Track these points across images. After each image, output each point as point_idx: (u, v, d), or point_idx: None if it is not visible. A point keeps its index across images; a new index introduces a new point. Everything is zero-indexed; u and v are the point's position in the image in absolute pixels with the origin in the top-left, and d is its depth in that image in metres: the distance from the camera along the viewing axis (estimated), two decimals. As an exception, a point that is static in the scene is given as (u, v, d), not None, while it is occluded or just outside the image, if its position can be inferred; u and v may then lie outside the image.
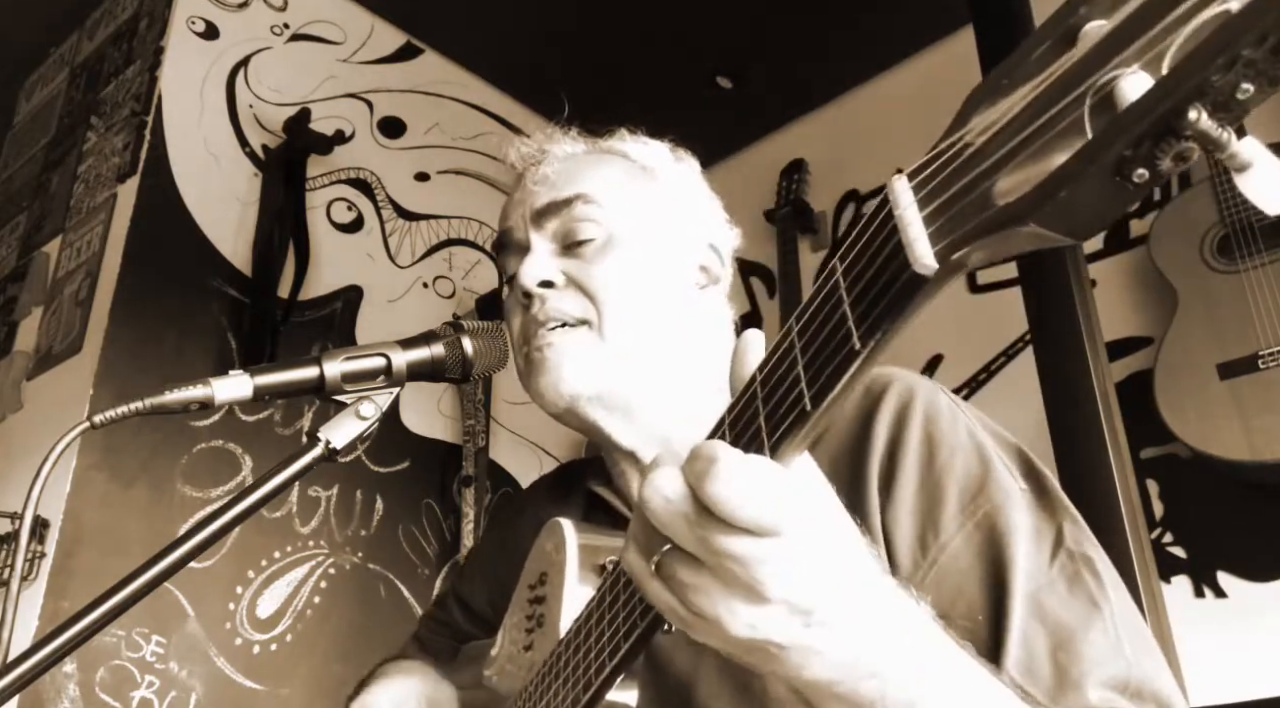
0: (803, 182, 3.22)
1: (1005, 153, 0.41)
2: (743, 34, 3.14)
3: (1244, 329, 2.07)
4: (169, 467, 2.31)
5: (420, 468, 2.77)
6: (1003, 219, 0.40)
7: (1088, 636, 0.74)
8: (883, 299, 0.45)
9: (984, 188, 0.41)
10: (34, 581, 2.06)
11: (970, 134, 0.43)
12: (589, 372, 0.94)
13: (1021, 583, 0.76)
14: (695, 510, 0.51)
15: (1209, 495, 2.19)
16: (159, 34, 2.68)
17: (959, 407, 0.88)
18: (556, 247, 1.00)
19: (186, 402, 0.78)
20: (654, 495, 0.52)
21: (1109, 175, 0.37)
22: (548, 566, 0.91)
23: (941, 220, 0.43)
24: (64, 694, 2.03)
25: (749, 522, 0.49)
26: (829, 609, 0.54)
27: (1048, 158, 0.39)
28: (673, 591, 0.55)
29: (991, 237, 0.41)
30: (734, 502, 0.49)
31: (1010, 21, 2.41)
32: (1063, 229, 0.39)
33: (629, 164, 1.06)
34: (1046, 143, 0.39)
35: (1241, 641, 2.09)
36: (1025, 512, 0.81)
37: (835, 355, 0.48)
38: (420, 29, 3.18)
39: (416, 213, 3.04)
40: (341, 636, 2.45)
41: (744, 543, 0.50)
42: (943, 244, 0.43)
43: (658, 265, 1.00)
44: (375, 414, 0.83)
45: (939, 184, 0.44)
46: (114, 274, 2.38)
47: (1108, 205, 0.38)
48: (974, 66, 2.45)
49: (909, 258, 0.44)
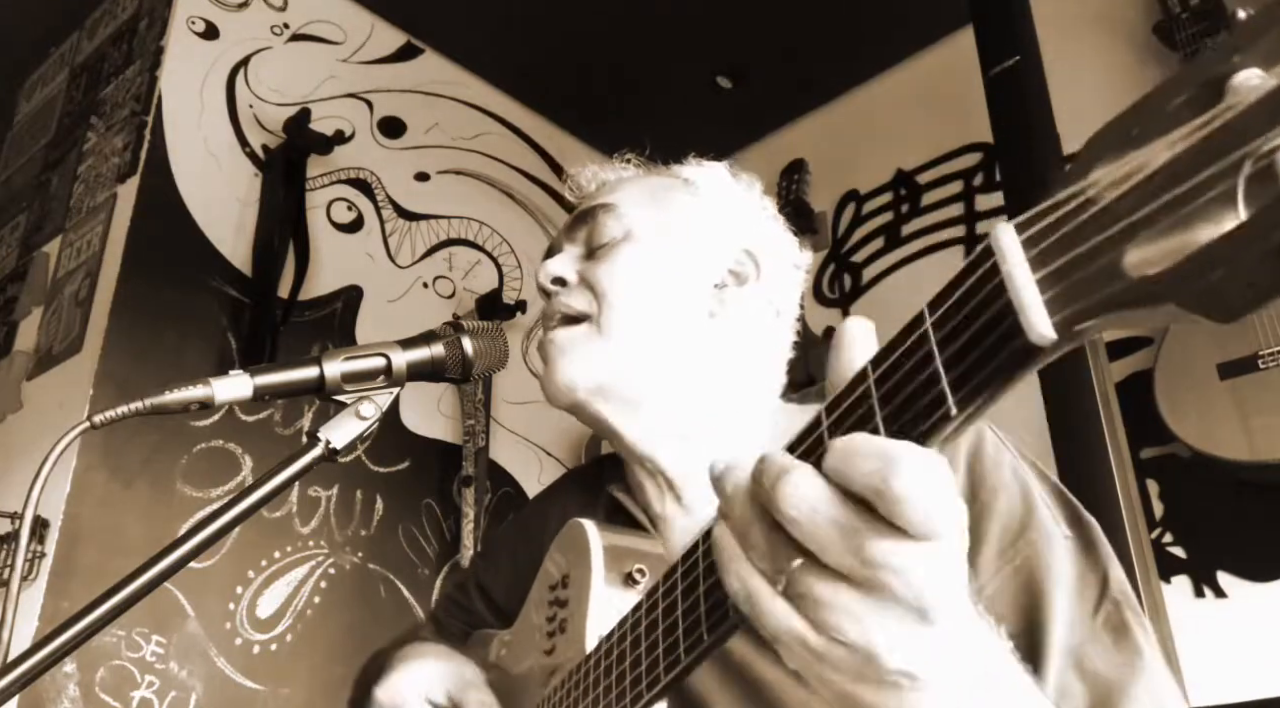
0: (803, 182, 3.22)
1: (1140, 218, 0.35)
2: (743, 34, 3.14)
3: (1244, 329, 2.07)
4: (169, 467, 2.31)
5: (420, 468, 2.77)
6: (1139, 296, 0.35)
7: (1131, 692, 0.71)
8: (987, 365, 0.41)
9: (1112, 255, 0.36)
10: (34, 581, 2.06)
11: (1094, 189, 0.38)
12: (586, 364, 0.96)
13: (1061, 634, 0.73)
14: (853, 515, 0.44)
15: (1209, 495, 2.19)
16: (159, 34, 2.68)
17: (1004, 445, 0.86)
18: (582, 251, 1.03)
19: (186, 402, 0.78)
20: (799, 505, 0.45)
21: (1267, 257, 0.32)
22: (570, 568, 0.90)
23: (1061, 286, 0.38)
24: (64, 694, 2.03)
25: (933, 528, 0.43)
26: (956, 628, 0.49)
27: (1192, 230, 0.34)
28: (805, 612, 0.47)
29: (1122, 312, 0.36)
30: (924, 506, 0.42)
31: (1010, 21, 2.41)
32: (1206, 311, 0.34)
33: (671, 180, 1.08)
34: (1191, 212, 0.34)
35: (1241, 641, 2.09)
36: (1068, 560, 0.78)
37: (924, 418, 0.43)
38: (420, 29, 3.18)
39: (416, 213, 3.04)
40: (341, 636, 2.45)
41: (911, 550, 0.44)
42: (1062, 314, 0.38)
43: (671, 263, 1.00)
44: (375, 414, 0.83)
45: (1057, 242, 0.38)
46: (114, 274, 2.38)
47: (1262, 290, 0.33)
48: (974, 66, 2.46)
49: (1022, 325, 0.39)
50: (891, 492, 0.42)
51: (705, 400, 0.98)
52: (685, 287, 1.00)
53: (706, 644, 0.57)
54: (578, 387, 0.96)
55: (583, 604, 0.85)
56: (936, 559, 0.45)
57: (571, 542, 0.91)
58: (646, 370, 0.97)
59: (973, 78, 2.45)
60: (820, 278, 3.19)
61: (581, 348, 0.96)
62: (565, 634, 0.87)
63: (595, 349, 0.96)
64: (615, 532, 0.91)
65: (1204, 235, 0.34)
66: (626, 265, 0.98)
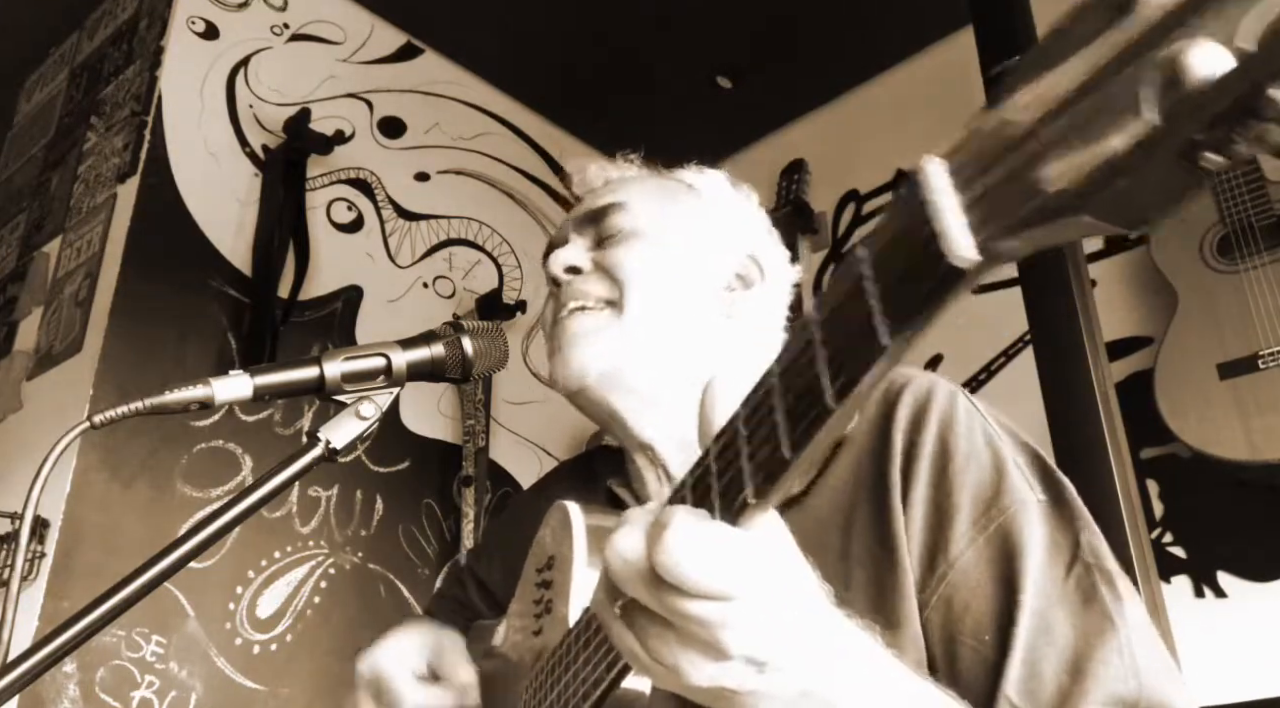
0: (803, 182, 3.22)
1: (1055, 134, 0.36)
2: (743, 34, 3.14)
3: (1244, 329, 2.07)
4: (169, 467, 2.31)
5: (420, 468, 2.77)
6: (1054, 208, 0.36)
7: (1099, 654, 0.71)
8: (915, 292, 0.42)
9: (1032, 173, 0.37)
10: (34, 581, 2.06)
11: (1013, 112, 0.39)
12: (602, 348, 0.96)
13: (1031, 600, 0.74)
14: (653, 574, 0.51)
15: (1209, 495, 2.19)
16: (159, 34, 2.68)
17: (976, 409, 0.87)
18: (590, 243, 1.04)
19: (186, 402, 0.78)
20: (614, 556, 0.53)
21: (1174, 160, 0.33)
22: (554, 550, 0.91)
23: (983, 208, 0.39)
24: (64, 694, 2.03)
25: (702, 590, 0.50)
26: (784, 658, 0.56)
27: (1104, 140, 0.35)
28: (635, 636, 0.56)
29: (1039, 227, 0.38)
30: (683, 572, 0.49)
31: (1010, 21, 2.41)
32: (1119, 220, 0.36)
33: (675, 184, 1.10)
34: (1102, 123, 0.35)
35: (1241, 641, 2.09)
36: (1040, 523, 0.78)
37: (860, 353, 0.45)
38: (420, 29, 3.18)
39: (416, 213, 3.04)
40: (341, 636, 2.45)
41: (702, 607, 0.51)
42: (984, 234, 0.39)
43: (683, 261, 1.01)
44: (375, 414, 0.83)
45: (978, 167, 0.40)
46: (114, 274, 2.38)
47: (1171, 193, 0.34)
48: (974, 66, 2.45)
49: (944, 248, 0.40)
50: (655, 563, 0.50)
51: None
52: (699, 285, 1.01)
53: None
54: (589, 371, 0.96)
55: (566, 585, 0.85)
56: (737, 614, 0.51)
57: (556, 524, 0.92)
58: (660, 362, 0.97)
59: (973, 78, 2.45)
60: (820, 278, 3.19)
61: (599, 333, 0.97)
62: (550, 615, 0.87)
63: (614, 334, 0.96)
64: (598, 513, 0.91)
65: (1115, 144, 0.34)
66: (642, 256, 0.99)
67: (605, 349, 0.96)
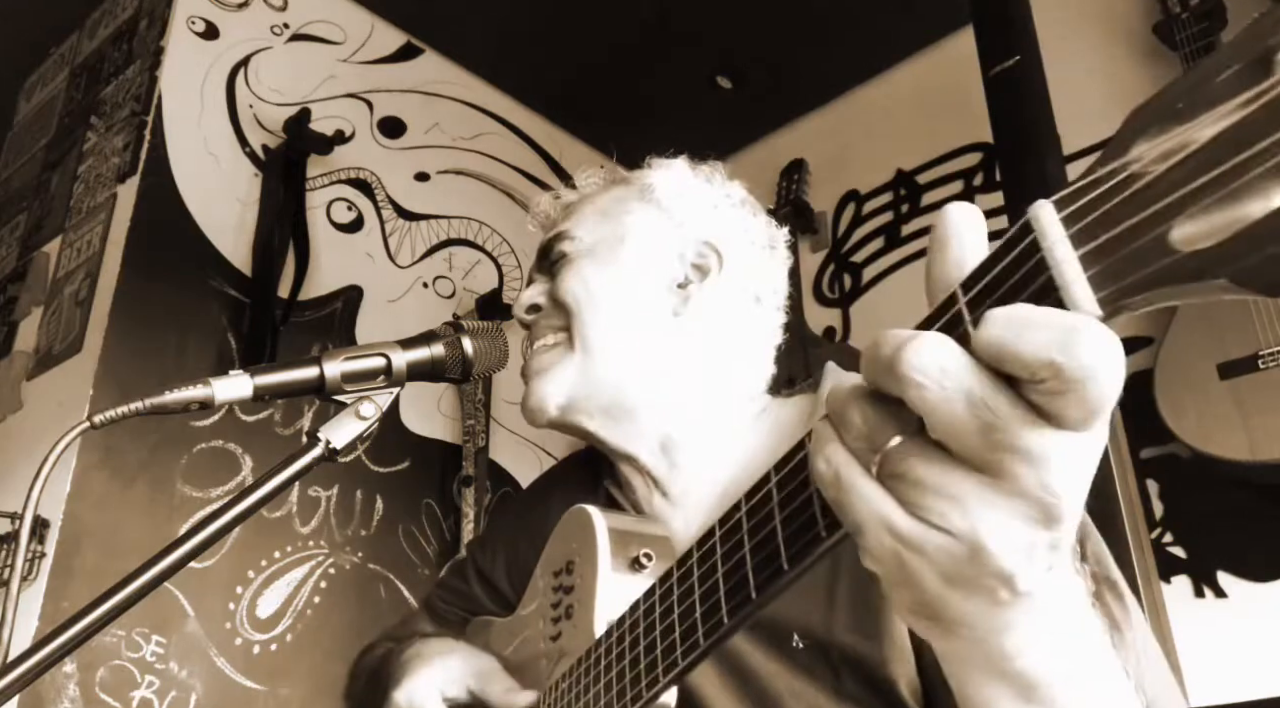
0: (803, 182, 3.22)
1: (1187, 193, 0.35)
2: (743, 34, 3.14)
3: (1244, 329, 2.07)
4: (169, 467, 2.31)
5: (420, 468, 2.77)
6: (1189, 271, 0.35)
7: None
8: None
9: (1159, 230, 0.35)
10: (34, 581, 2.06)
11: (1138, 164, 0.37)
12: (560, 381, 1.00)
13: None
14: (991, 388, 0.39)
15: (1209, 495, 2.19)
16: (159, 34, 2.68)
17: None
18: (547, 277, 1.08)
19: (186, 402, 0.78)
20: (927, 364, 0.39)
21: None
22: (575, 554, 0.90)
23: (1106, 263, 0.37)
24: (64, 694, 2.03)
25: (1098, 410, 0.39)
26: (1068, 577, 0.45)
27: (1242, 205, 0.33)
28: (899, 495, 0.42)
29: (1168, 287, 0.36)
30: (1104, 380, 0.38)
31: (1010, 21, 2.41)
32: (1261, 286, 0.34)
33: (626, 189, 1.09)
34: (1241, 187, 0.33)
35: (1241, 641, 2.09)
36: None
37: None
38: (420, 29, 3.18)
39: (416, 213, 3.04)
40: (341, 636, 2.45)
41: (1054, 437, 0.39)
42: (1107, 290, 0.37)
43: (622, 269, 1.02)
44: (375, 414, 0.83)
45: (1099, 219, 0.37)
46: (114, 274, 2.38)
47: None
48: (974, 66, 2.45)
49: (1065, 302, 0.38)
50: (1073, 364, 0.37)
51: (683, 397, 0.99)
52: (642, 290, 1.01)
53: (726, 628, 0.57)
54: (549, 407, 1.00)
55: (590, 590, 0.85)
56: (1081, 456, 0.40)
57: (576, 527, 0.92)
58: (618, 376, 0.99)
59: (973, 78, 2.45)
60: (820, 278, 3.19)
61: (554, 367, 1.00)
62: (572, 620, 0.87)
63: (568, 364, 1.00)
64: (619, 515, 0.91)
65: (1255, 210, 0.33)
66: (579, 275, 1.02)
67: (562, 381, 0.99)
